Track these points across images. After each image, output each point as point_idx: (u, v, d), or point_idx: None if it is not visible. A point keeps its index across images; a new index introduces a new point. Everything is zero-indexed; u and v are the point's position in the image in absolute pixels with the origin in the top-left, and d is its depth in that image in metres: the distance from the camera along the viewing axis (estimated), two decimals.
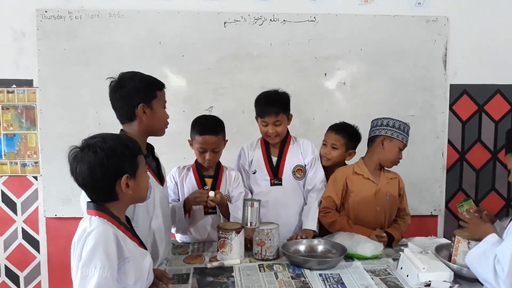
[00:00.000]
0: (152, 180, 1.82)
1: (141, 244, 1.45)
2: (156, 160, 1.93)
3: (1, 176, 2.99)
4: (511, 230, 1.52)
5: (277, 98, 2.25)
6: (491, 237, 1.56)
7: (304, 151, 2.34)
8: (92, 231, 1.27)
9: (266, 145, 2.34)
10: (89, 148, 1.29)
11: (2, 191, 3.01)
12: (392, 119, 2.18)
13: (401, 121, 2.18)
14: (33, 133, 2.96)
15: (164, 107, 1.85)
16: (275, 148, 2.34)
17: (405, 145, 2.18)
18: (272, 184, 2.31)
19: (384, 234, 2.08)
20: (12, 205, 3.02)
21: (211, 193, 2.03)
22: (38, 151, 2.96)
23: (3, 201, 3.02)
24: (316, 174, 2.32)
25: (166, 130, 1.88)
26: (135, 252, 1.36)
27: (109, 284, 1.24)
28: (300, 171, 2.32)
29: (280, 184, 2.30)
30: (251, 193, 2.32)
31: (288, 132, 2.35)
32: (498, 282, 1.44)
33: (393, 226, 2.18)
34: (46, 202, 2.98)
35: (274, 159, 2.32)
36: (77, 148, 1.31)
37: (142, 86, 1.75)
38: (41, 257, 3.06)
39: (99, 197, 1.36)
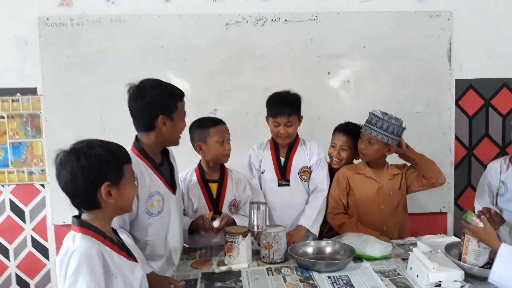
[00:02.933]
0: (165, 191, 1.82)
1: (130, 257, 1.41)
2: (171, 165, 1.92)
3: (9, 185, 3.01)
4: None
5: (290, 98, 2.28)
6: (505, 249, 1.51)
7: (310, 153, 2.35)
8: (75, 251, 1.23)
9: (275, 146, 2.36)
10: (73, 153, 1.26)
11: (10, 199, 3.03)
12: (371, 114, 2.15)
13: (374, 115, 2.13)
14: (39, 141, 2.97)
15: (184, 117, 1.84)
16: (283, 149, 2.35)
17: (365, 136, 2.15)
18: (279, 185, 2.32)
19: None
20: (20, 214, 3.04)
21: (216, 223, 1.99)
22: (44, 159, 2.97)
23: (11, 209, 3.03)
24: (319, 175, 2.32)
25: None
26: (123, 266, 1.33)
27: None
28: (306, 173, 2.33)
29: (288, 185, 2.31)
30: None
31: (297, 135, 2.35)
32: None
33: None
34: (54, 210, 3.00)
35: (282, 160, 2.34)
36: (63, 152, 1.28)
37: (163, 97, 1.72)
38: (51, 264, 3.07)
39: (81, 205, 1.32)
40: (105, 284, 1.24)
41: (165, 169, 1.88)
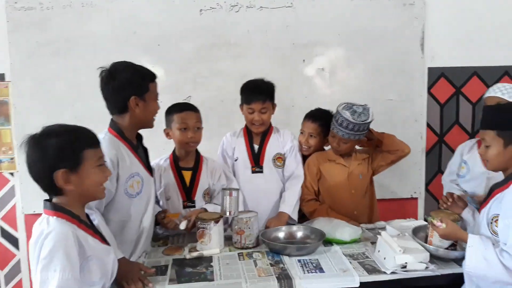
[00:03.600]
0: (144, 172, 1.84)
1: (104, 240, 1.42)
2: (145, 149, 1.93)
3: None
4: (502, 220, 1.50)
5: (264, 85, 2.29)
6: (473, 239, 1.53)
7: (283, 140, 2.36)
8: (50, 233, 1.23)
9: (248, 134, 2.37)
10: (32, 139, 1.27)
11: None
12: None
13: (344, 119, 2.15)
14: (7, 129, 2.90)
15: (156, 99, 1.85)
16: (257, 137, 2.36)
17: (337, 136, 2.19)
18: (253, 172, 2.33)
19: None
20: None
21: (182, 226, 1.97)
22: (13, 147, 2.90)
23: None
24: (294, 162, 2.34)
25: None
26: (97, 249, 1.34)
27: (70, 286, 1.21)
28: (280, 159, 2.34)
29: (261, 172, 2.33)
30: None
31: (270, 123, 2.37)
32: None
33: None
34: (23, 199, 2.94)
35: (256, 147, 2.34)
36: (28, 137, 1.29)
37: (135, 79, 1.73)
38: (21, 254, 3.02)
39: (45, 190, 1.32)
40: (80, 266, 1.25)
41: (141, 152, 1.89)
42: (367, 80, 3.08)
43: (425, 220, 1.76)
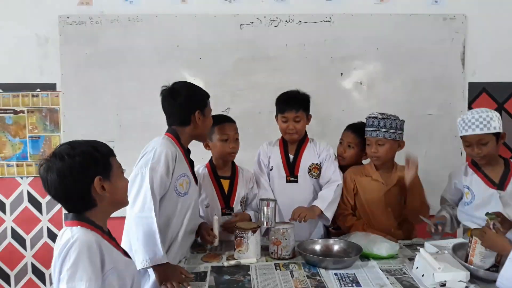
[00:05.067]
0: (192, 178, 1.98)
1: (125, 254, 1.41)
2: (191, 161, 2.04)
3: (27, 177, 3.11)
4: None
5: (298, 96, 2.34)
6: None
7: (319, 150, 2.38)
8: (74, 242, 1.19)
9: (284, 144, 2.40)
10: (56, 156, 1.24)
11: (28, 191, 3.12)
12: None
13: (373, 118, 2.18)
14: (57, 135, 3.06)
15: (211, 115, 2.03)
16: (292, 147, 2.38)
17: (372, 139, 2.18)
18: (288, 181, 2.35)
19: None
20: (37, 205, 3.13)
21: (216, 242, 2.04)
22: None
23: (29, 201, 3.13)
24: (330, 169, 2.34)
25: None
26: (119, 262, 1.31)
27: None
28: (315, 169, 2.35)
29: (296, 181, 2.34)
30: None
31: (306, 134, 2.39)
32: None
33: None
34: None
35: (291, 157, 2.37)
36: (45, 160, 1.25)
37: (198, 96, 1.96)
38: (29, 255, 3.15)
39: (76, 206, 1.28)
40: (102, 276, 1.21)
41: (190, 161, 2.01)
42: (405, 94, 3.07)
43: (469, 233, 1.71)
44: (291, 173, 2.35)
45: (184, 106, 1.91)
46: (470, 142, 2.03)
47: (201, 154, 2.54)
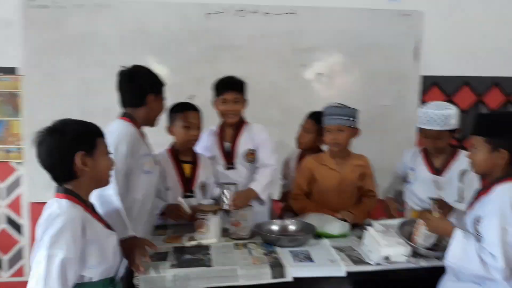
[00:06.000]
0: (153, 158, 2.05)
1: (107, 226, 1.52)
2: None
3: None
4: (484, 221, 1.59)
5: (236, 79, 2.42)
6: (457, 233, 1.63)
7: (254, 135, 2.44)
8: (60, 214, 1.33)
9: (221, 131, 2.47)
10: (48, 131, 1.39)
11: None
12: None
13: (333, 107, 2.28)
14: (17, 120, 3.03)
15: (164, 102, 2.10)
16: (228, 133, 2.45)
17: (333, 127, 2.26)
18: (227, 168, 2.44)
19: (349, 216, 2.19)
20: None
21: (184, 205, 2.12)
22: (21, 138, 3.03)
23: None
24: (264, 153, 2.42)
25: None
26: (100, 234, 1.44)
27: (72, 265, 1.31)
28: (251, 155, 2.43)
29: (233, 168, 2.44)
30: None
31: (242, 118, 2.47)
32: (489, 271, 1.52)
33: (356, 205, 2.31)
34: (29, 187, 3.06)
35: (227, 144, 2.44)
36: (39, 132, 1.40)
37: (154, 79, 2.03)
38: (25, 241, 3.15)
39: (59, 176, 1.42)
40: (81, 248, 1.34)
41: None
42: (363, 85, 3.22)
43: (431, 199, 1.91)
44: (229, 161, 2.44)
45: (141, 86, 1.97)
46: (428, 135, 2.19)
47: (164, 140, 2.60)
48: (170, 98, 3.08)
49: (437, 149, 2.24)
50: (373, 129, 2.43)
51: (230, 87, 2.36)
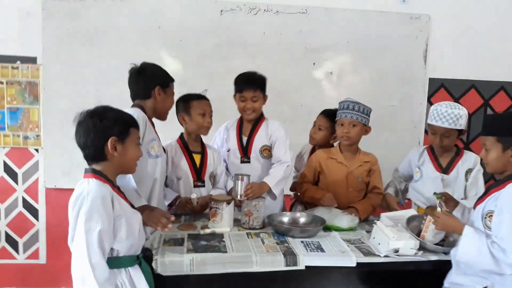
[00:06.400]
0: (160, 144, 2.16)
1: (132, 206, 1.62)
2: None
3: (4, 148, 3.15)
4: (496, 216, 1.64)
5: (256, 76, 2.47)
6: (468, 230, 1.70)
7: (270, 131, 2.51)
8: (90, 191, 1.44)
9: (240, 125, 2.54)
10: (89, 113, 1.52)
11: (4, 161, 3.16)
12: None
13: (349, 102, 2.34)
14: (36, 108, 3.11)
15: (173, 97, 2.20)
16: (247, 128, 2.52)
17: (346, 120, 2.32)
18: (242, 162, 2.51)
19: (355, 214, 2.24)
20: (13, 175, 3.19)
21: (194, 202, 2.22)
22: (40, 125, 3.11)
23: (5, 171, 3.17)
24: (279, 150, 2.46)
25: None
26: (127, 211, 1.55)
27: (108, 237, 1.44)
28: (266, 151, 2.50)
29: (249, 162, 2.51)
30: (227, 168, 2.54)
31: (262, 113, 2.54)
32: (500, 266, 1.57)
33: (361, 201, 2.38)
34: (46, 173, 3.14)
35: (245, 138, 2.51)
36: (82, 113, 1.53)
37: (160, 73, 2.15)
38: (40, 225, 3.24)
39: (91, 155, 1.54)
40: (112, 221, 1.46)
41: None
42: (372, 85, 3.30)
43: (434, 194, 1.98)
44: (245, 154, 2.51)
45: (146, 80, 2.09)
46: (436, 131, 2.26)
47: (177, 132, 2.65)
48: (183, 91, 3.17)
49: (443, 147, 2.30)
50: (381, 128, 2.50)
51: (248, 85, 2.41)
